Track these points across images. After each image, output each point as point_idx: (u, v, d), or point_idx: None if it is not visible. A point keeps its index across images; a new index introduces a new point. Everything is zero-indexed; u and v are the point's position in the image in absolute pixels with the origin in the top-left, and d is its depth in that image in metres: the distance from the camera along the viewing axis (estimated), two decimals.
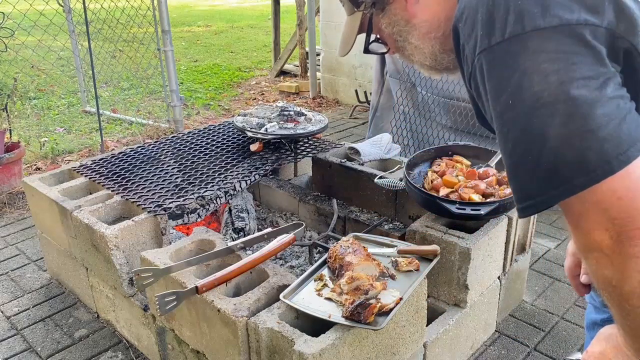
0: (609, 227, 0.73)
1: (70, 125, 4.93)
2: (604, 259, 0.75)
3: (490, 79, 0.78)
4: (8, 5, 3.72)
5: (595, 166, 0.72)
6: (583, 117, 0.72)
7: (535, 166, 0.75)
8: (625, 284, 0.74)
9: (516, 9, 0.75)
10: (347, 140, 4.44)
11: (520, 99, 0.75)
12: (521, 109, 0.75)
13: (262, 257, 1.64)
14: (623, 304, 0.76)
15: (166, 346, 1.91)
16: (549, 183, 0.75)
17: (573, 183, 0.73)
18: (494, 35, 0.76)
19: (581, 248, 0.79)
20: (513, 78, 0.75)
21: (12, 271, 2.70)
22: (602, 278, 0.77)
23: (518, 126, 0.76)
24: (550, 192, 0.75)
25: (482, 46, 0.78)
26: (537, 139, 0.74)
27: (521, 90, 0.75)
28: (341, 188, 2.55)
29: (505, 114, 0.77)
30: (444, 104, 3.28)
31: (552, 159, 0.74)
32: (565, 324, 2.22)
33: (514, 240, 2.10)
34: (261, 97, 6.11)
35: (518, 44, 0.75)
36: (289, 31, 7.78)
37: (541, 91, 0.73)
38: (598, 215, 0.73)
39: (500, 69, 0.77)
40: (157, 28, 4.35)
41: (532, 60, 0.74)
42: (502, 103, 0.77)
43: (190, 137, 2.82)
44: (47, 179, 2.44)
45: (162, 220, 2.04)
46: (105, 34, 4.84)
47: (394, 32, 1.03)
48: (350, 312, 1.36)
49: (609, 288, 0.77)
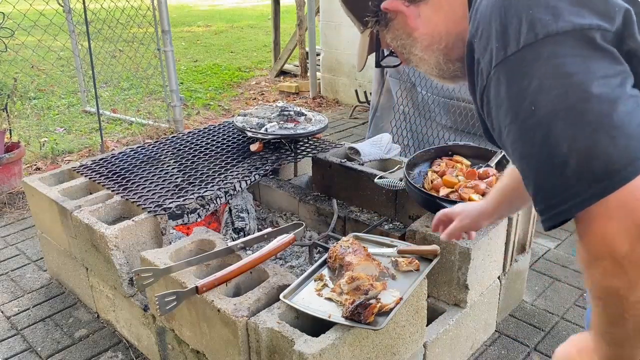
0: (632, 231, 0.70)
1: (70, 125, 4.93)
2: (614, 268, 0.72)
3: (510, 89, 0.78)
4: (8, 5, 3.72)
5: (622, 166, 0.70)
6: (607, 115, 0.71)
7: (562, 171, 0.74)
8: (633, 293, 0.73)
9: (528, 18, 0.76)
10: (347, 140, 4.44)
11: (541, 104, 0.75)
12: (544, 114, 0.74)
13: (262, 257, 1.65)
14: (623, 314, 0.75)
15: (166, 346, 1.92)
16: (577, 187, 0.73)
17: (602, 185, 0.71)
18: (509, 46, 0.77)
19: (588, 257, 0.76)
20: (532, 85, 0.75)
21: (12, 271, 2.70)
22: (606, 288, 0.75)
23: (541, 132, 0.75)
24: (580, 196, 0.73)
25: (499, 58, 0.79)
26: (562, 142, 0.73)
27: (541, 95, 0.75)
28: (341, 188, 2.55)
29: (527, 121, 0.77)
30: (444, 104, 3.28)
31: (579, 162, 0.72)
32: (565, 324, 2.22)
33: (514, 240, 2.10)
34: (261, 97, 6.11)
35: (533, 52, 0.75)
36: (289, 31, 7.78)
37: (562, 94, 0.73)
38: (622, 219, 0.71)
39: (518, 78, 0.77)
40: (157, 28, 4.35)
41: (548, 65, 0.74)
42: (523, 111, 0.77)
43: (190, 137, 2.82)
44: (47, 179, 2.44)
45: (162, 220, 2.04)
46: (105, 34, 4.84)
47: (398, 46, 1.07)
48: (350, 312, 1.36)
49: (612, 298, 0.75)
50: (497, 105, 0.82)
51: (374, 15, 1.06)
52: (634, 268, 0.71)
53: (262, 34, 10.48)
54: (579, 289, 2.43)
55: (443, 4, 0.99)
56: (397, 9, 1.02)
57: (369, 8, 1.06)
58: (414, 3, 1.00)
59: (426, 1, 0.99)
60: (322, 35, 5.57)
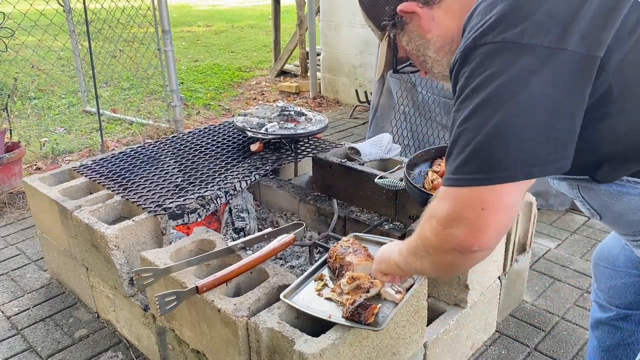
0: (481, 220, 0.86)
1: (70, 125, 4.93)
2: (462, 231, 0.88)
3: (466, 70, 0.88)
4: (8, 5, 3.72)
5: (502, 169, 0.83)
6: (518, 124, 0.82)
7: (464, 149, 0.86)
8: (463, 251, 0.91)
9: (505, 22, 0.85)
10: (347, 140, 4.44)
11: (478, 93, 0.85)
12: (475, 100, 0.85)
13: (262, 257, 1.64)
14: (424, 254, 1.00)
15: (166, 346, 1.92)
16: (472, 167, 0.86)
17: (485, 176, 0.84)
18: (481, 39, 0.87)
19: (446, 213, 0.90)
20: (482, 74, 0.85)
21: (12, 271, 2.70)
22: (446, 235, 0.91)
23: (465, 113, 0.87)
24: (468, 175, 0.86)
25: (470, 44, 0.88)
26: (472, 127, 0.85)
27: (483, 85, 0.85)
28: (341, 188, 2.55)
29: (464, 101, 0.88)
30: (444, 104, 3.28)
31: (477, 149, 0.84)
32: (566, 324, 2.22)
33: (514, 240, 2.10)
34: (261, 97, 6.11)
35: (495, 49, 0.85)
36: (289, 31, 7.78)
37: (495, 91, 0.83)
38: (461, 205, 0.88)
39: (476, 64, 0.87)
40: (157, 28, 4.35)
41: (500, 65, 0.84)
42: (465, 92, 0.88)
43: (190, 137, 2.82)
44: (47, 179, 2.44)
45: (162, 220, 2.04)
46: (106, 34, 4.84)
47: (413, 48, 1.13)
48: (351, 312, 1.36)
49: (424, 241, 0.98)
50: (455, 80, 0.92)
51: (390, 18, 1.11)
52: (446, 241, 0.91)
53: (262, 34, 10.48)
54: (579, 289, 2.43)
55: (455, 6, 1.04)
56: (412, 10, 1.06)
57: (385, 12, 1.12)
58: (428, 5, 1.05)
59: (439, 4, 1.05)
60: (322, 35, 5.57)
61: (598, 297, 1.56)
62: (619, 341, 1.50)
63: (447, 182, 0.90)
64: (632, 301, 1.44)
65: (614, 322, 1.50)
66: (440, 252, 0.94)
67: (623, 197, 0.97)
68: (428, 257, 0.99)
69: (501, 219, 0.86)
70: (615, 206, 1.00)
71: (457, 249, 0.90)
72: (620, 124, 0.88)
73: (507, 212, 0.86)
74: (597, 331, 1.57)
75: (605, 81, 0.84)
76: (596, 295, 1.57)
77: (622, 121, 0.88)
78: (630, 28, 0.84)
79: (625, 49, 0.84)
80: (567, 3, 0.84)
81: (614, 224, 1.11)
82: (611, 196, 0.99)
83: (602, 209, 1.06)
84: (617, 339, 1.51)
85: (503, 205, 0.85)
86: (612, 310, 1.50)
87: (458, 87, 0.90)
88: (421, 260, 1.02)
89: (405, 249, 1.12)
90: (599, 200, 1.03)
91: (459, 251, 0.90)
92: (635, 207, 0.97)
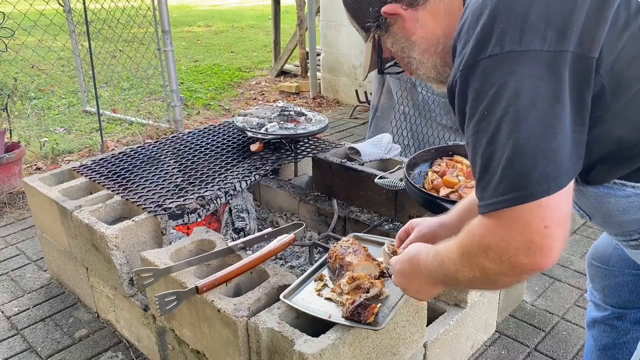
0: (521, 243, 0.83)
1: (70, 125, 4.93)
2: (494, 258, 0.87)
3: (472, 91, 0.87)
4: (8, 5, 3.72)
5: (533, 185, 0.81)
6: (538, 135, 0.81)
7: (494, 173, 0.84)
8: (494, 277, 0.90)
9: (497, 33, 0.83)
10: (347, 140, 4.44)
11: (491, 112, 0.84)
12: (492, 120, 0.83)
13: (262, 257, 1.64)
14: (480, 278, 0.92)
15: (166, 346, 1.91)
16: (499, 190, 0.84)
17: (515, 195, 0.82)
18: (479, 54, 0.85)
19: (480, 238, 0.89)
20: (490, 91, 0.83)
21: (12, 271, 2.70)
22: (479, 265, 0.90)
23: (487, 135, 0.84)
24: (499, 197, 0.84)
25: (468, 62, 0.86)
26: (499, 149, 0.83)
27: (494, 102, 0.83)
28: (341, 188, 2.55)
29: (480, 123, 0.86)
30: (444, 104, 3.28)
31: (505, 170, 0.82)
32: (566, 324, 2.22)
33: None
34: (261, 97, 6.11)
35: (497, 62, 0.83)
36: (289, 31, 7.78)
37: (508, 106, 0.82)
38: (518, 228, 0.83)
39: (481, 82, 0.85)
40: (157, 28, 4.35)
41: (505, 78, 0.82)
42: (478, 112, 0.86)
43: (190, 137, 2.82)
44: (47, 179, 2.44)
45: (162, 220, 2.04)
46: (106, 34, 4.84)
47: (398, 50, 1.11)
48: (351, 312, 1.36)
49: (477, 270, 0.91)
50: (461, 99, 0.90)
51: (374, 20, 1.09)
52: (509, 267, 0.86)
53: (262, 34, 10.48)
54: (579, 289, 2.43)
55: (440, 8, 1.03)
56: (396, 12, 1.05)
57: (369, 13, 1.09)
58: (412, 7, 1.04)
59: (424, 6, 1.03)
60: (322, 35, 5.57)
61: (594, 297, 1.56)
62: (614, 340, 1.50)
63: (493, 206, 0.85)
64: (627, 300, 1.44)
65: (609, 321, 1.50)
66: (506, 276, 0.89)
67: (610, 199, 0.98)
68: (490, 284, 0.94)
69: (564, 230, 0.83)
70: (603, 207, 1.01)
71: (526, 272, 0.86)
72: (613, 126, 0.88)
73: (567, 220, 0.84)
74: (593, 330, 1.57)
75: (598, 83, 0.84)
76: (592, 295, 1.57)
77: (614, 123, 0.88)
78: (620, 28, 0.84)
79: (617, 49, 0.84)
80: (559, 4, 0.83)
81: (604, 225, 1.12)
82: (598, 198, 0.99)
83: (591, 210, 1.06)
84: (613, 338, 1.51)
85: (563, 215, 0.83)
86: (607, 310, 1.50)
87: (468, 108, 0.88)
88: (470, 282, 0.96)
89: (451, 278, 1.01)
90: (587, 202, 1.03)
91: (529, 273, 0.87)
92: (622, 208, 0.98)
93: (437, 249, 1.04)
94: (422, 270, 1.09)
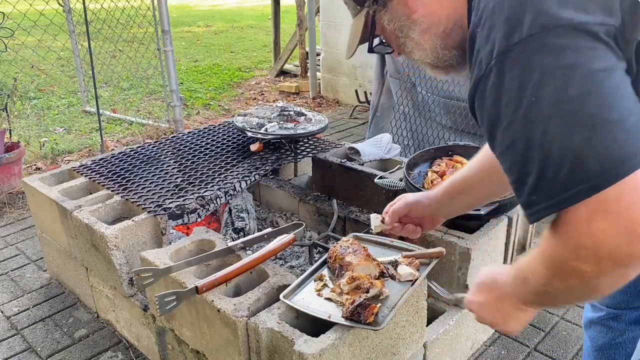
0: (622, 228, 0.70)
1: (70, 125, 4.93)
2: (591, 257, 0.74)
3: (511, 80, 0.77)
4: (8, 5, 3.72)
5: (619, 161, 0.70)
6: (607, 109, 0.71)
7: (557, 164, 0.73)
8: (596, 279, 0.77)
9: (532, 9, 0.75)
10: (347, 140, 4.44)
11: (541, 98, 0.74)
12: (543, 107, 0.74)
13: (262, 257, 1.64)
14: (574, 288, 0.81)
15: (166, 346, 1.91)
16: (570, 182, 0.72)
17: (597, 180, 0.71)
18: (512, 37, 0.76)
19: (567, 240, 0.76)
20: (533, 77, 0.74)
21: (12, 271, 2.70)
22: (573, 268, 0.77)
23: (540, 126, 0.74)
24: (571, 190, 0.72)
25: (501, 48, 0.77)
26: (559, 137, 0.73)
27: (542, 88, 0.74)
28: (341, 188, 2.55)
29: (528, 114, 0.76)
30: (444, 104, 3.28)
31: (575, 156, 0.72)
32: (565, 324, 2.22)
33: (514, 241, 2.10)
34: (261, 97, 6.11)
35: (536, 43, 0.74)
36: (289, 31, 7.78)
37: (562, 87, 0.73)
38: (614, 214, 0.71)
39: (520, 69, 0.76)
40: (157, 28, 4.35)
41: (552, 57, 0.73)
42: (523, 104, 0.76)
43: (190, 137, 2.82)
44: (47, 179, 2.44)
45: (162, 220, 2.04)
46: (105, 34, 4.84)
47: (395, 29, 1.03)
48: (350, 312, 1.36)
49: (571, 276, 0.79)
50: (495, 96, 0.80)
51: None
52: (610, 262, 0.73)
53: (262, 34, 10.48)
54: None
55: None
56: None
57: None
58: None
59: None
60: (322, 35, 5.57)
61: None
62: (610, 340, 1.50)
63: (574, 198, 0.73)
64: (622, 300, 1.43)
65: (605, 321, 1.49)
66: (606, 276, 0.77)
67: None
68: (590, 291, 0.83)
69: None
70: None
71: (632, 265, 0.74)
72: None
73: None
74: (590, 331, 1.57)
75: None
76: None
77: None
78: None
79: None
80: None
81: None
82: None
83: None
84: (609, 339, 1.50)
85: None
86: (603, 310, 1.49)
87: (511, 98, 0.77)
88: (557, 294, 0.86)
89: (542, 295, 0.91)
90: None
91: (635, 266, 0.75)
92: None
93: (516, 267, 0.93)
94: (505, 296, 0.98)
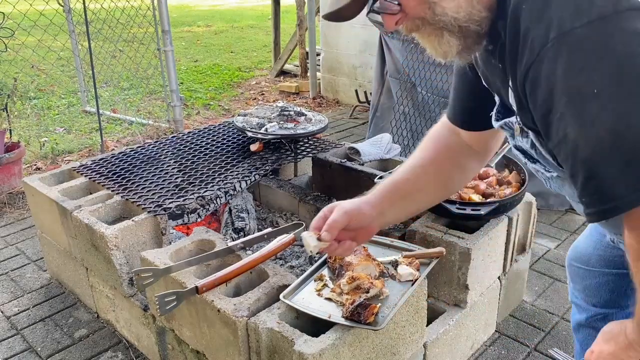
0: None
1: (70, 125, 4.93)
2: None
3: (572, 67, 0.67)
4: (8, 5, 3.72)
5: None
6: None
7: (628, 160, 0.66)
8: None
9: None
10: (347, 140, 4.44)
11: (615, 87, 0.65)
12: (617, 97, 0.65)
13: (262, 257, 1.64)
14: None
15: (166, 346, 1.91)
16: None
17: None
18: (576, 17, 0.67)
19: None
20: (604, 64, 0.66)
21: (12, 271, 2.70)
22: None
23: (610, 116, 0.66)
24: None
25: (562, 29, 0.67)
26: (634, 127, 0.65)
27: (618, 76, 0.65)
28: (341, 188, 2.54)
29: (590, 104, 0.67)
30: (444, 104, 3.28)
31: None
32: (566, 324, 2.22)
33: (514, 241, 2.10)
34: (261, 97, 6.11)
35: (609, 26, 0.66)
36: (289, 31, 7.78)
37: None
38: None
39: (585, 55, 0.66)
40: (157, 28, 4.35)
41: (629, 42, 0.64)
42: (586, 94, 0.67)
43: (190, 137, 2.82)
44: (47, 179, 2.44)
45: (162, 220, 2.04)
46: (105, 34, 4.84)
47: None
48: (350, 312, 1.36)
49: None
50: (550, 83, 0.70)
51: None
52: None
53: (262, 34, 10.48)
54: None
55: None
56: None
57: None
58: None
59: None
60: (322, 35, 5.57)
61: (575, 297, 1.55)
62: None
63: None
64: (608, 299, 1.43)
65: (593, 323, 1.48)
66: None
67: None
68: None
69: None
70: None
71: None
72: None
73: None
74: (579, 334, 1.56)
75: None
76: (573, 295, 1.56)
77: None
78: None
79: None
80: None
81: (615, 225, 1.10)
82: None
83: None
84: None
85: None
86: (590, 310, 1.49)
87: (576, 85, 0.68)
88: None
89: None
90: None
91: None
92: None
93: (634, 315, 0.85)
94: (637, 347, 0.88)
